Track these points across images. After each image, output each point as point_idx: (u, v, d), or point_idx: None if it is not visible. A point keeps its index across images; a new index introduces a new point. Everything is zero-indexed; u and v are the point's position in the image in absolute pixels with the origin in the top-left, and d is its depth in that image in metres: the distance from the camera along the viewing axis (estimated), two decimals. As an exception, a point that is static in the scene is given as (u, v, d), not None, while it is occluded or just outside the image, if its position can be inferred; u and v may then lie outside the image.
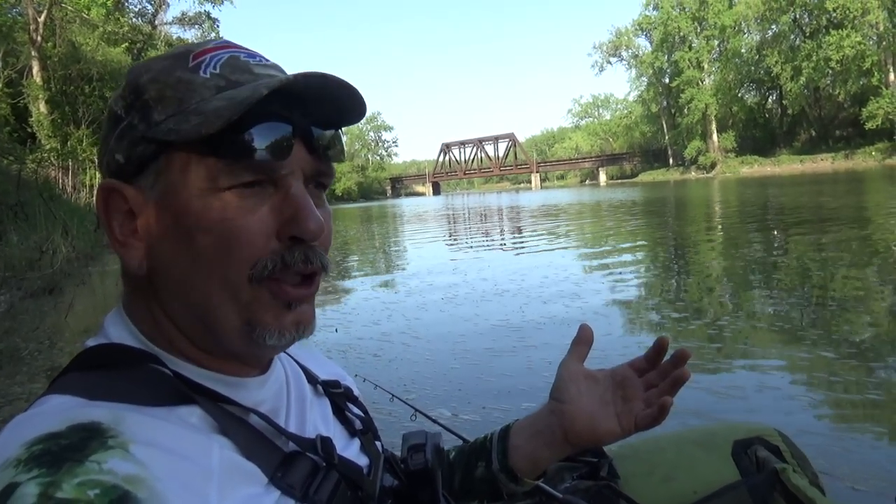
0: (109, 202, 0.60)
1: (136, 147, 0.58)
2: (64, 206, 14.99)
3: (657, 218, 15.05)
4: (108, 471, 0.44)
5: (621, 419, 0.79)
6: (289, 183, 0.59)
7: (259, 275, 0.57)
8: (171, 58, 0.61)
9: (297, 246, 0.58)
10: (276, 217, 0.58)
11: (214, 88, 0.58)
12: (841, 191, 19.28)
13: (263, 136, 0.56)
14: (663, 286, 5.92)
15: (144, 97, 0.59)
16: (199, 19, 41.65)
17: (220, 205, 0.56)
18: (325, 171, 0.63)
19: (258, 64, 0.61)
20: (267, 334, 0.58)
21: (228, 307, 0.58)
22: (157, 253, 0.59)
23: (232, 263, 0.56)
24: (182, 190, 0.57)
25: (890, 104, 46.11)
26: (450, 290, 6.46)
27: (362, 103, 0.64)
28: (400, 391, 3.10)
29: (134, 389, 0.54)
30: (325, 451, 0.62)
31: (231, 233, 0.56)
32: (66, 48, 24.26)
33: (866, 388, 2.96)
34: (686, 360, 0.78)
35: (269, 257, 0.57)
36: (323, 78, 0.58)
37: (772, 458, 0.96)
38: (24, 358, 4.63)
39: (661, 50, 68.40)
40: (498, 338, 4.38)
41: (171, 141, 0.56)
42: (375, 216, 30.48)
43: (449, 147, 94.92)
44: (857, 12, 48.08)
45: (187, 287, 0.58)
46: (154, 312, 0.60)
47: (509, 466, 0.84)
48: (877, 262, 6.25)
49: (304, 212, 0.58)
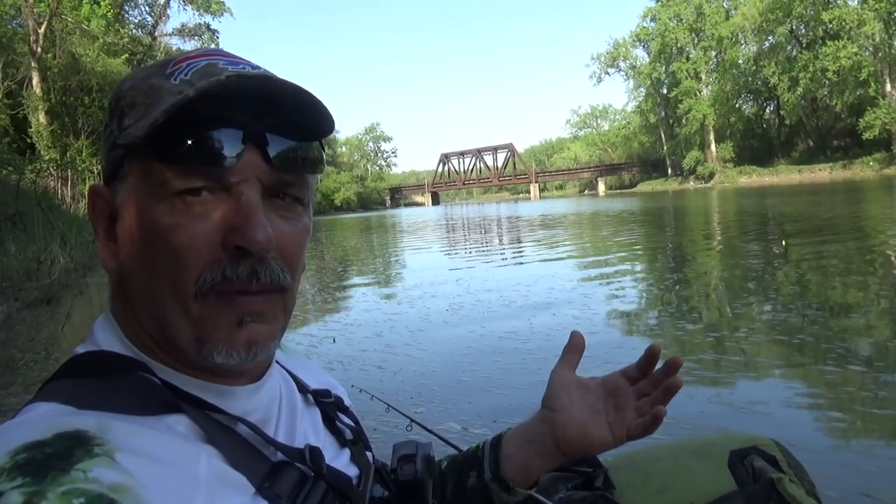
0: (95, 205, 0.61)
1: (111, 152, 0.59)
2: (62, 216, 15.00)
3: (659, 228, 15.03)
4: (94, 479, 0.43)
5: (613, 428, 0.79)
6: (240, 190, 0.56)
7: (202, 288, 0.55)
8: (155, 66, 0.61)
9: (244, 258, 0.56)
10: (224, 225, 0.56)
11: (177, 93, 0.56)
12: (839, 201, 19.32)
13: (211, 141, 0.55)
14: (668, 297, 5.87)
15: (121, 104, 0.59)
16: (198, 31, 41.90)
17: (169, 211, 0.55)
18: (290, 182, 0.60)
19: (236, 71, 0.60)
20: (215, 352, 0.56)
21: (180, 318, 0.56)
22: (125, 257, 0.59)
23: (179, 272, 0.55)
24: (138, 194, 0.57)
25: (887, 114, 46.34)
26: (454, 301, 6.38)
27: (324, 111, 0.60)
28: (407, 404, 3.09)
29: (121, 397, 0.54)
30: (313, 462, 0.62)
31: (176, 238, 0.55)
32: (66, 59, 24.35)
33: (864, 399, 2.95)
34: (678, 369, 0.77)
35: (211, 268, 0.55)
36: (265, 80, 0.57)
37: (768, 468, 0.95)
38: (20, 369, 4.62)
39: (659, 61, 68.81)
40: (506, 350, 4.27)
41: (128, 144, 0.57)
42: (374, 226, 30.50)
43: (448, 157, 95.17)
44: (853, 23, 48.45)
45: (145, 294, 0.58)
46: (130, 317, 0.60)
47: (501, 476, 0.83)
48: (878, 273, 6.25)
49: (250, 220, 0.55)
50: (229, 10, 41.80)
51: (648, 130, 76.64)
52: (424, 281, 8.17)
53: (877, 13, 47.25)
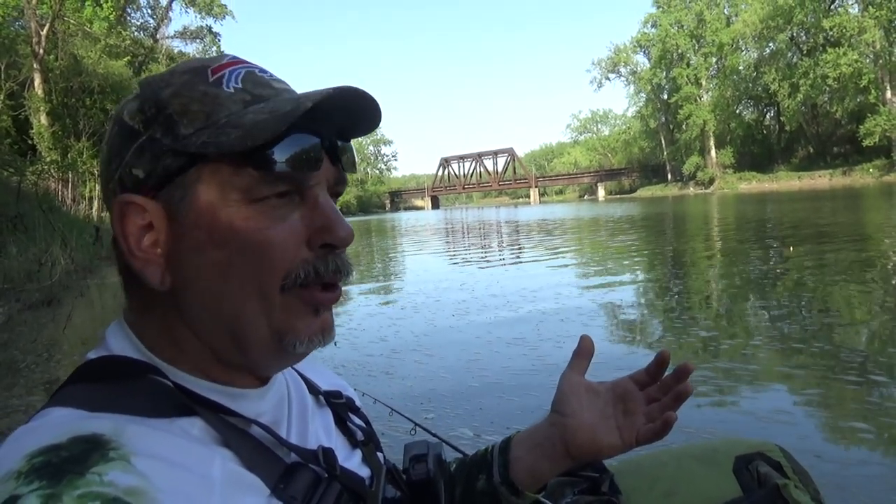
0: (127, 217, 0.58)
1: (160, 161, 0.58)
2: (63, 218, 15.02)
3: (662, 235, 14.91)
4: (109, 483, 0.44)
5: (623, 433, 0.79)
6: (315, 193, 0.61)
7: (292, 284, 0.59)
8: (190, 72, 0.61)
9: (330, 254, 0.61)
10: (306, 226, 0.60)
11: (241, 102, 0.58)
12: (840, 208, 19.32)
13: (296, 149, 0.58)
14: (676, 304, 5.83)
15: (168, 111, 0.58)
16: (200, 33, 42.04)
17: (253, 216, 0.57)
18: (342, 181, 0.65)
19: (273, 79, 0.63)
20: (297, 342, 0.60)
21: (260, 318, 0.58)
22: (184, 266, 0.58)
23: (265, 273, 0.58)
24: (215, 202, 0.57)
25: (887, 121, 46.39)
26: (459, 306, 6.32)
27: (380, 116, 0.65)
28: (417, 410, 3.10)
29: (135, 401, 0.54)
30: (326, 463, 0.62)
31: (264, 243, 0.57)
32: (68, 61, 24.37)
33: (869, 404, 2.95)
34: (688, 375, 0.78)
35: (301, 266, 0.59)
36: (355, 92, 0.60)
37: (773, 474, 0.96)
38: (22, 370, 4.61)
39: (660, 66, 68.93)
40: (515, 356, 4.22)
41: (206, 153, 0.57)
42: (375, 229, 30.45)
43: (448, 161, 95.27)
44: (853, 31, 48.54)
45: (219, 300, 0.58)
46: (170, 326, 0.60)
47: (510, 479, 0.83)
48: (879, 279, 6.25)
49: (337, 221, 0.60)
50: (231, 13, 41.97)
51: (648, 136, 76.68)
52: (428, 285, 8.09)
53: (877, 21, 47.35)
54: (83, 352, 0.62)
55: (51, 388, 4.15)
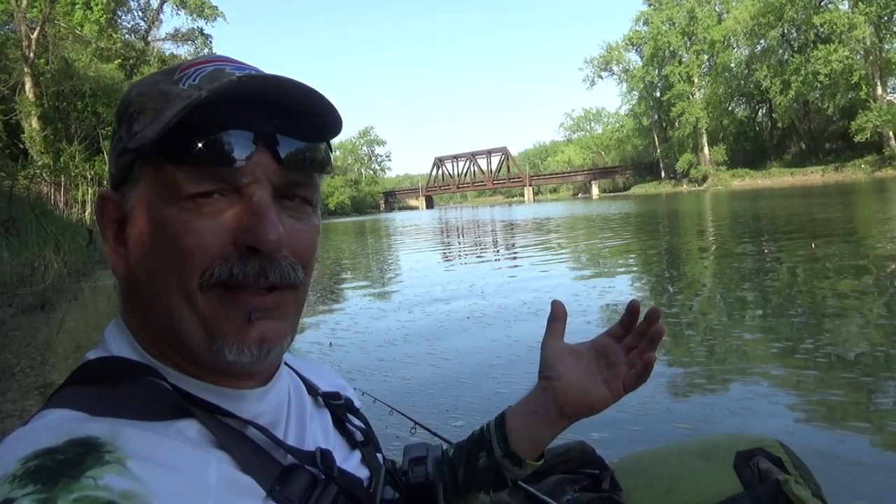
0: (103, 212, 0.62)
1: (120, 157, 0.60)
2: (56, 221, 14.95)
3: (666, 232, 14.79)
4: (104, 487, 0.43)
5: (610, 384, 0.82)
6: (251, 191, 0.57)
7: (207, 282, 0.56)
8: (163, 72, 0.62)
9: (254, 257, 0.56)
10: (236, 225, 0.56)
11: (187, 97, 0.56)
12: (835, 203, 19.38)
13: (222, 143, 0.56)
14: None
15: (130, 110, 0.60)
16: (192, 35, 41.91)
17: (179, 211, 0.56)
18: (299, 183, 0.61)
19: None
20: (226, 348, 0.56)
21: (190, 317, 0.57)
22: (134, 260, 0.59)
23: (185, 267, 0.56)
24: (149, 197, 0.58)
25: (878, 117, 46.64)
26: (472, 309, 6.02)
27: (333, 111, 0.61)
28: (445, 418, 3.02)
29: (132, 404, 0.54)
30: (324, 464, 0.62)
31: (182, 235, 0.56)
32: (59, 64, 24.29)
33: (870, 399, 2.94)
34: (658, 318, 0.81)
35: (218, 264, 0.56)
36: (275, 81, 0.57)
37: (774, 470, 0.96)
38: (16, 374, 4.58)
39: (652, 64, 69.05)
40: (538, 360, 4.01)
41: (139, 148, 0.57)
42: (371, 230, 30.34)
43: (442, 161, 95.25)
44: (843, 27, 48.77)
45: (154, 296, 0.58)
46: (142, 322, 0.60)
47: (512, 450, 0.85)
48: (874, 274, 6.28)
49: (263, 220, 0.56)
50: (222, 15, 41.91)
51: (641, 133, 76.82)
52: (436, 288, 7.83)
53: (867, 17, 47.62)
54: (77, 356, 0.61)
55: (45, 393, 4.14)
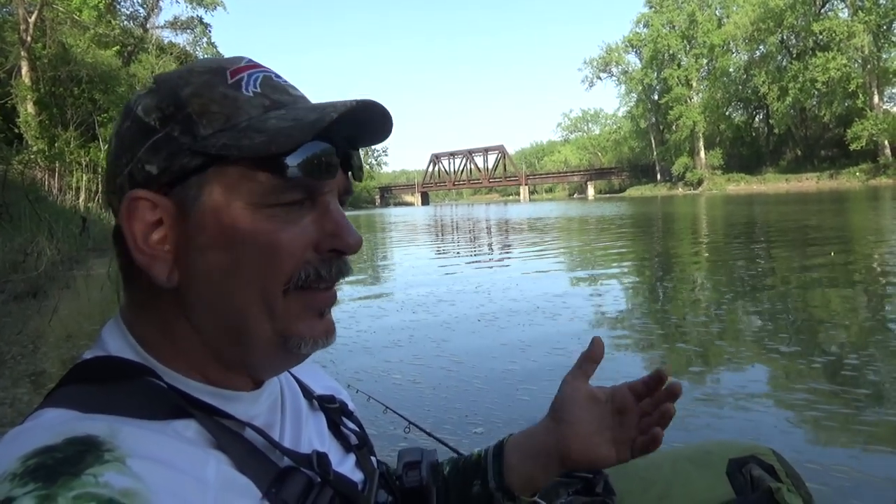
0: (136, 212, 0.58)
1: (176, 159, 0.57)
2: (49, 208, 14.89)
3: (671, 236, 14.75)
4: (104, 484, 0.44)
5: (618, 446, 0.81)
6: (327, 200, 0.62)
7: (294, 286, 0.60)
8: (209, 72, 0.61)
9: (335, 259, 0.62)
10: (317, 231, 0.61)
11: (261, 107, 0.59)
12: (827, 210, 19.48)
13: (311, 157, 0.58)
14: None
15: (187, 110, 0.58)
16: (191, 24, 41.69)
17: (264, 219, 0.58)
18: (350, 189, 0.67)
19: (288, 85, 0.64)
20: (302, 343, 0.61)
21: (263, 319, 0.59)
22: (192, 265, 0.58)
23: (270, 275, 0.58)
24: (228, 203, 0.57)
25: (874, 126, 46.91)
26: (482, 311, 5.83)
27: (391, 129, 0.67)
28: (464, 424, 2.96)
29: (130, 403, 0.54)
30: (320, 467, 0.62)
31: (273, 245, 0.58)
32: (57, 49, 24.18)
33: (864, 409, 2.95)
34: (677, 396, 0.80)
35: (303, 268, 0.60)
36: (375, 107, 0.61)
37: (766, 477, 0.96)
38: (7, 362, 4.56)
39: (651, 67, 69.21)
40: (557, 367, 3.77)
41: (226, 155, 0.57)
42: (368, 225, 30.22)
43: (438, 158, 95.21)
44: (842, 35, 48.96)
45: (223, 299, 0.59)
46: (170, 324, 0.60)
47: (506, 485, 0.85)
48: (867, 281, 6.32)
49: (347, 228, 0.62)
50: (222, 4, 41.69)
51: (639, 136, 76.95)
52: (439, 286, 7.69)
53: (866, 25, 47.83)
54: (69, 344, 0.61)
55: (36, 381, 4.13)
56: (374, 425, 2.39)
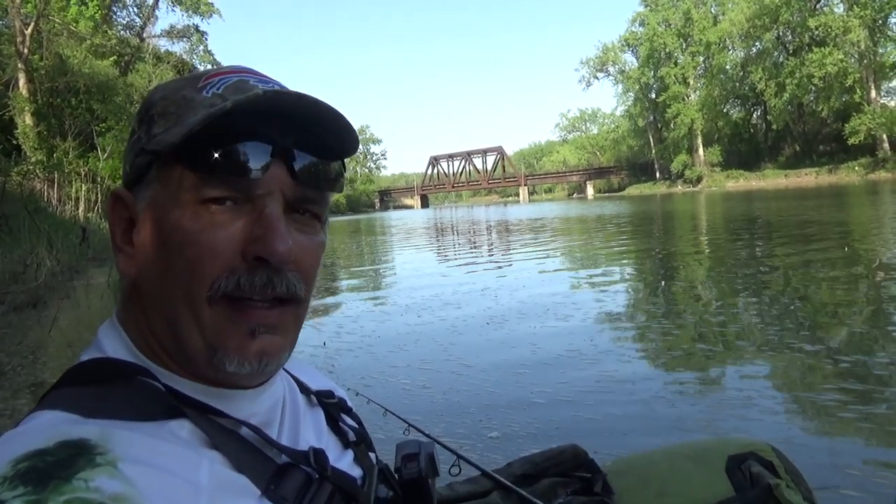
0: (113, 210, 0.62)
1: (136, 158, 0.61)
2: (49, 218, 14.89)
3: (673, 234, 14.74)
4: (95, 489, 0.43)
5: None
6: (264, 203, 0.59)
7: (216, 294, 0.56)
8: (187, 79, 0.63)
9: (261, 268, 0.57)
10: (246, 236, 0.57)
11: (210, 105, 0.58)
12: (826, 205, 19.45)
13: (241, 153, 0.57)
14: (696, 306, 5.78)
15: (151, 112, 0.61)
16: (187, 32, 41.67)
17: (193, 218, 0.57)
18: (311, 199, 0.62)
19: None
20: (227, 360, 0.57)
21: (192, 326, 0.57)
22: (142, 262, 0.60)
23: (194, 277, 0.57)
24: (162, 200, 0.58)
25: (872, 120, 46.83)
26: (487, 312, 5.79)
27: (350, 131, 0.63)
28: (479, 429, 2.92)
29: (124, 405, 0.54)
30: (317, 463, 0.62)
31: (194, 245, 0.56)
32: (53, 60, 24.19)
33: (864, 405, 2.94)
34: None
35: (226, 276, 0.57)
36: (298, 98, 0.58)
37: (765, 474, 0.96)
38: (8, 373, 4.55)
39: (648, 66, 69.17)
40: (569, 369, 3.76)
41: (158, 151, 0.58)
42: (368, 229, 30.17)
43: (437, 160, 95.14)
44: (838, 31, 48.89)
45: (159, 301, 0.59)
46: (141, 323, 0.61)
47: None
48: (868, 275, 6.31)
49: (273, 233, 0.57)
50: (218, 12, 41.63)
51: (637, 134, 76.89)
52: (445, 288, 7.59)
53: (862, 20, 47.76)
54: (69, 354, 0.61)
55: (36, 391, 4.11)
56: (373, 428, 2.38)
